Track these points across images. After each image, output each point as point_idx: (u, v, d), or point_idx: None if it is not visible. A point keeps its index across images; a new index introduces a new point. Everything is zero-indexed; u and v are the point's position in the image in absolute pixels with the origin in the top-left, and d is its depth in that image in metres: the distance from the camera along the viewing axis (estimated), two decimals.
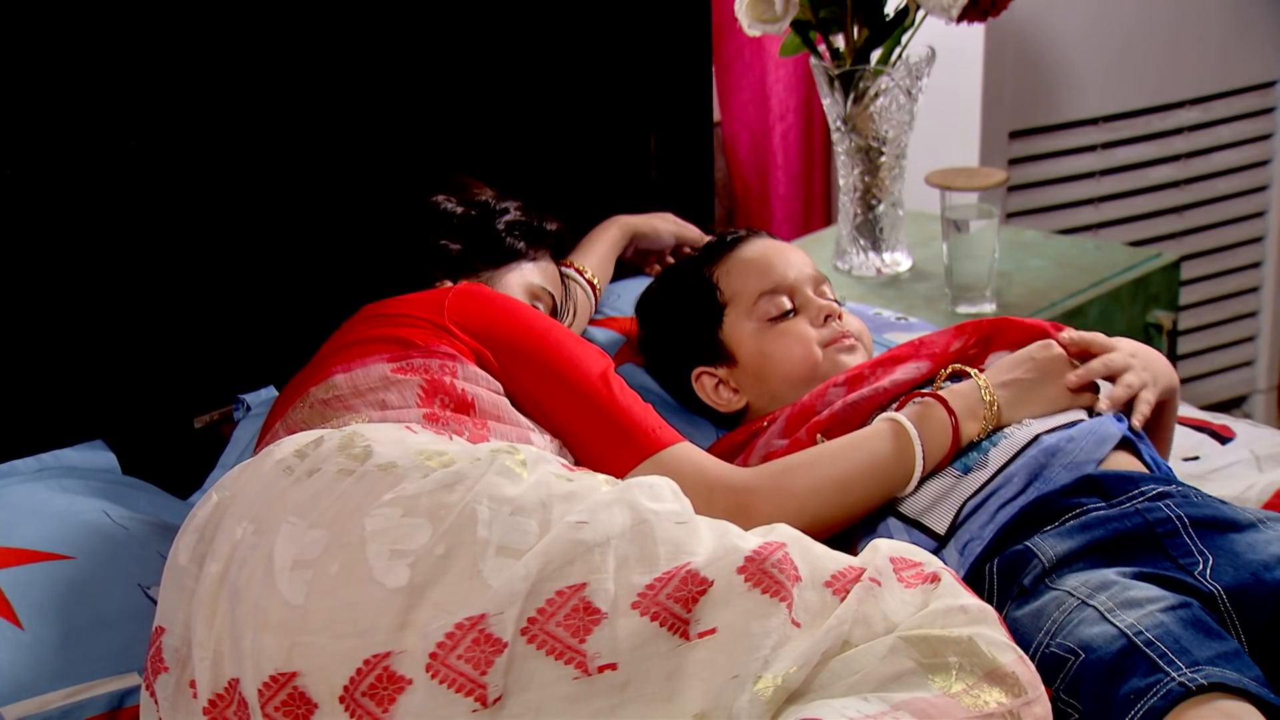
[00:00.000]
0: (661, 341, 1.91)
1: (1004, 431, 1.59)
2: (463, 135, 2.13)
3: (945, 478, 1.57)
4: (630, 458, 1.51)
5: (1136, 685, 1.25)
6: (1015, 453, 1.56)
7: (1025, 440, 1.57)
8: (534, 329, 1.59)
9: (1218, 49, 3.06)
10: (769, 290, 1.81)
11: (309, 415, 1.50)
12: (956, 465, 1.58)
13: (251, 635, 1.22)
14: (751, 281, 1.83)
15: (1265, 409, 3.33)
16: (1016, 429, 1.59)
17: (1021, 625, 1.38)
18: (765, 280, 1.82)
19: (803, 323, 1.80)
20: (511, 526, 1.24)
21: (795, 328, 1.80)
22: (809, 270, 1.85)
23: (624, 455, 1.51)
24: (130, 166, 1.83)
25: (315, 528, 1.25)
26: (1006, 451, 1.57)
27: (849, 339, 1.80)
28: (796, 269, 1.84)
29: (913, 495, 1.56)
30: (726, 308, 1.83)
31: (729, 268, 1.85)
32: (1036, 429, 1.59)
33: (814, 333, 1.79)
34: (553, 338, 1.59)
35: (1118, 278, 2.50)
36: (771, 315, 1.80)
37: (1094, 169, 3.05)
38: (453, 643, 1.18)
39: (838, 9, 2.35)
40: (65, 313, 1.82)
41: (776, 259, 1.85)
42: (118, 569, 1.53)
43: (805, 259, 1.88)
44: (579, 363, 1.57)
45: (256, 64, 1.91)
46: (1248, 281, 3.25)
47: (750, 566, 1.22)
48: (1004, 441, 1.58)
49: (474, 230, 1.80)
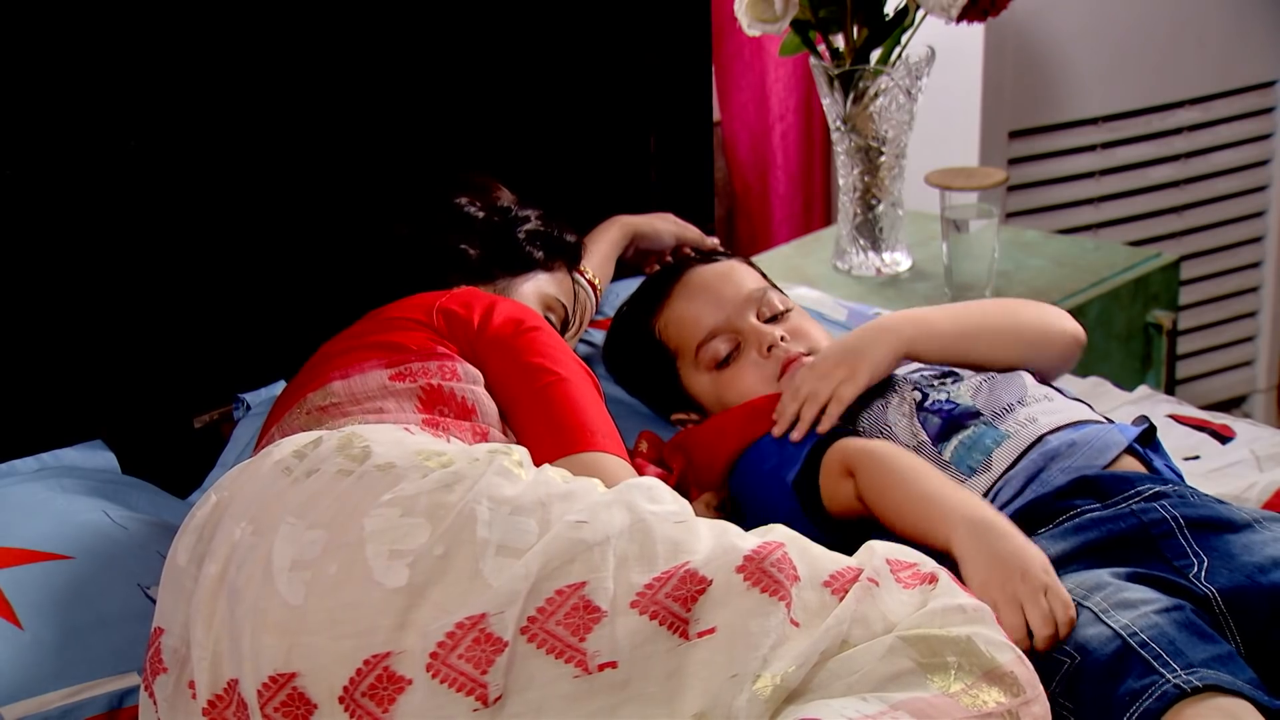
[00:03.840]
0: (634, 392, 1.93)
1: (1007, 430, 1.59)
2: (464, 135, 2.13)
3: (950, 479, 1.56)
4: (555, 448, 1.48)
5: (1132, 687, 1.26)
6: (1018, 455, 1.56)
7: (1029, 440, 1.57)
8: (523, 323, 1.59)
9: (1217, 49, 3.06)
10: (705, 339, 1.79)
11: (306, 421, 1.50)
12: (961, 467, 1.57)
13: (250, 636, 1.21)
14: (687, 332, 1.81)
15: (1265, 408, 3.33)
16: (1021, 427, 1.59)
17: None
18: (699, 328, 1.80)
19: (749, 362, 1.77)
20: (511, 526, 1.24)
21: (742, 372, 1.77)
22: (744, 292, 1.82)
23: (551, 443, 1.49)
24: (130, 166, 1.83)
25: (314, 528, 1.25)
26: (1010, 453, 1.56)
27: (798, 359, 1.76)
28: (729, 301, 1.80)
29: None
30: (677, 360, 1.83)
31: (667, 320, 1.84)
32: (1042, 427, 1.58)
33: (762, 368, 1.76)
34: (533, 333, 1.58)
35: (1117, 277, 2.50)
36: (716, 362, 1.79)
37: (1093, 169, 3.05)
38: (453, 642, 1.18)
39: (837, 9, 2.35)
40: (65, 312, 1.82)
41: (706, 299, 1.82)
42: (117, 569, 1.53)
43: (740, 279, 1.84)
44: (550, 357, 1.56)
45: (258, 62, 1.91)
46: (1247, 281, 3.25)
47: (749, 566, 1.22)
48: (1008, 442, 1.57)
49: (494, 236, 1.80)
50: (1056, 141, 3.02)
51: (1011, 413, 1.62)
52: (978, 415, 1.62)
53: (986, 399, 1.64)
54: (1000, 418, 1.61)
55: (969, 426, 1.61)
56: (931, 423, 1.63)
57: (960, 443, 1.60)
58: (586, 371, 1.58)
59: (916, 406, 1.65)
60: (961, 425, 1.61)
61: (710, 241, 2.31)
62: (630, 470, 1.49)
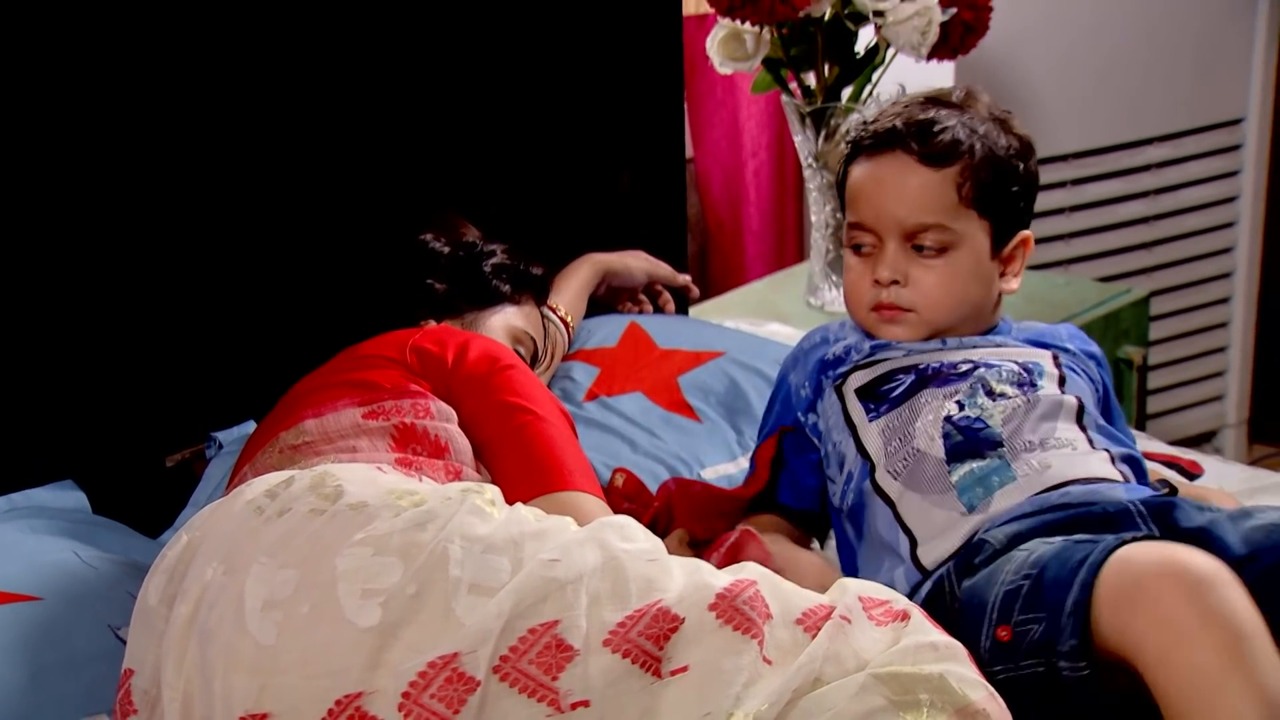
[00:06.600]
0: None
1: (1018, 471, 1.54)
2: (436, 172, 2.13)
3: (951, 511, 1.54)
4: (531, 487, 1.48)
5: (1082, 554, 1.30)
6: (1017, 502, 1.52)
7: (1033, 490, 1.52)
8: (498, 361, 1.59)
9: (1186, 86, 3.09)
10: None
11: (278, 460, 1.49)
12: (963, 498, 1.54)
13: (222, 676, 1.21)
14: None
15: (1235, 444, 3.34)
16: (1033, 473, 1.54)
17: (976, 589, 1.39)
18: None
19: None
20: (484, 565, 1.23)
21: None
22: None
23: (527, 483, 1.49)
24: (101, 206, 1.83)
25: (286, 567, 1.25)
26: (1011, 498, 1.52)
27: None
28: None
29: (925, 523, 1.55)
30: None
31: None
32: (1050, 479, 1.53)
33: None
34: (508, 371, 1.58)
35: (1088, 313, 2.51)
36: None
37: (1064, 205, 3.07)
38: (425, 682, 1.17)
39: (808, 47, 2.37)
40: (35, 350, 1.81)
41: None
42: (87, 610, 1.52)
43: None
44: (526, 396, 1.56)
45: (225, 103, 1.91)
46: (1217, 317, 3.27)
47: (721, 604, 1.22)
48: (1012, 486, 1.53)
49: (461, 271, 1.81)
50: None
51: (1030, 452, 1.56)
52: (999, 446, 1.57)
53: (1015, 428, 1.58)
54: (1017, 455, 1.56)
55: (986, 456, 1.56)
56: (953, 439, 1.58)
57: (971, 472, 1.55)
58: (561, 410, 1.58)
59: (946, 417, 1.60)
60: (979, 453, 1.56)
61: (682, 279, 2.32)
62: (606, 509, 1.49)
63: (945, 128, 1.65)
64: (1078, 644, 1.28)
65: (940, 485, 1.55)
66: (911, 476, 1.58)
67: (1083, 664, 1.28)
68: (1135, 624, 1.24)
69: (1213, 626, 1.21)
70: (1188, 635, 1.21)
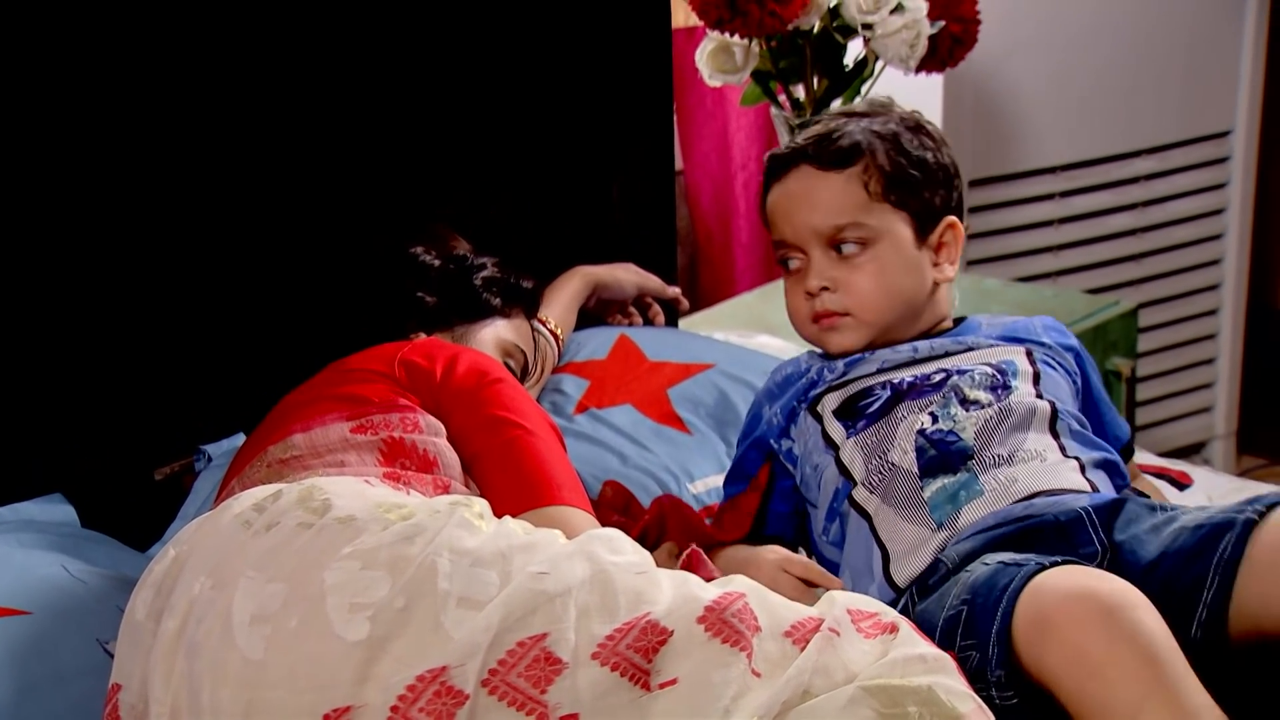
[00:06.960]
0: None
1: (985, 485, 1.54)
2: (426, 184, 2.13)
3: (921, 527, 1.54)
4: (520, 502, 1.48)
5: (1006, 580, 1.31)
6: (980, 516, 1.53)
7: (997, 504, 1.53)
8: (486, 375, 1.59)
9: (1174, 99, 3.11)
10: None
11: (266, 474, 1.49)
12: (934, 515, 1.54)
13: (210, 690, 1.21)
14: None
15: (1224, 454, 3.35)
16: (1000, 487, 1.54)
17: (928, 613, 1.40)
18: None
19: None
20: (472, 578, 1.23)
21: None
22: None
23: (516, 497, 1.49)
24: (90, 216, 1.83)
25: (274, 581, 1.25)
26: (976, 512, 1.53)
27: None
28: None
29: (898, 539, 1.55)
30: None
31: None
32: (1016, 493, 1.53)
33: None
34: (497, 385, 1.58)
35: (1076, 325, 2.52)
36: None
37: (1052, 217, 3.08)
38: (414, 695, 1.17)
39: (797, 60, 2.37)
40: (23, 363, 1.81)
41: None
42: (75, 624, 1.52)
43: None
44: (515, 410, 1.56)
45: (213, 112, 1.91)
46: (1205, 328, 3.29)
47: (710, 616, 1.22)
48: (978, 501, 1.53)
49: (451, 284, 1.81)
50: (1015, 190, 3.05)
51: (998, 467, 1.56)
52: (969, 459, 1.57)
53: (987, 440, 1.58)
54: (985, 469, 1.56)
55: (956, 471, 1.56)
56: (926, 453, 1.58)
57: (943, 488, 1.56)
58: (550, 424, 1.58)
59: (920, 430, 1.60)
60: (950, 468, 1.57)
61: (672, 291, 2.32)
62: (594, 524, 1.49)
63: (843, 134, 1.67)
64: (1004, 674, 1.28)
65: (914, 501, 1.56)
66: (887, 491, 1.58)
67: (1009, 693, 1.28)
68: (1047, 658, 1.25)
69: (1123, 656, 1.21)
70: (1099, 668, 1.21)
